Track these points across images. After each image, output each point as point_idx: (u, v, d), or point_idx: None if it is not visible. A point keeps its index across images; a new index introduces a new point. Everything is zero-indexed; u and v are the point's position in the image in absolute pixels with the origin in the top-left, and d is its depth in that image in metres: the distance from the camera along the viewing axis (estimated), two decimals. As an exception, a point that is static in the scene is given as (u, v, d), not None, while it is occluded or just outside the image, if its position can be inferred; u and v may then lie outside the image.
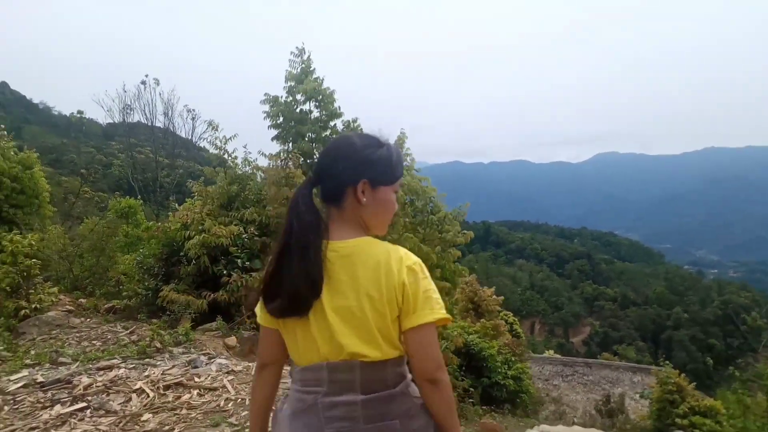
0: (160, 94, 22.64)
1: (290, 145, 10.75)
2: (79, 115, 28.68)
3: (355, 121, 11.28)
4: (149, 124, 23.19)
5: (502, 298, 16.28)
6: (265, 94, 11.13)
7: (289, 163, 8.97)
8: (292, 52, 11.30)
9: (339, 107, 11.20)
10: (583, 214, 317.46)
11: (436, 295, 1.38)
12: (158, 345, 5.44)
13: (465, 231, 8.76)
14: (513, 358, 11.93)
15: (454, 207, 9.67)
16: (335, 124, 11.31)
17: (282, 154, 10.14)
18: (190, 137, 23.75)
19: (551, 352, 27.68)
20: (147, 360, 5.06)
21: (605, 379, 22.48)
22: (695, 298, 77.04)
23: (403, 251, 1.39)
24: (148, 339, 5.54)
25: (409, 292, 1.32)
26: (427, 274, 1.39)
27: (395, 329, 1.35)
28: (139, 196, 16.42)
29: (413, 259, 1.38)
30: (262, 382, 1.54)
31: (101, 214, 12.68)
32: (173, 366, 4.82)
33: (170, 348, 5.51)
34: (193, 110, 22.77)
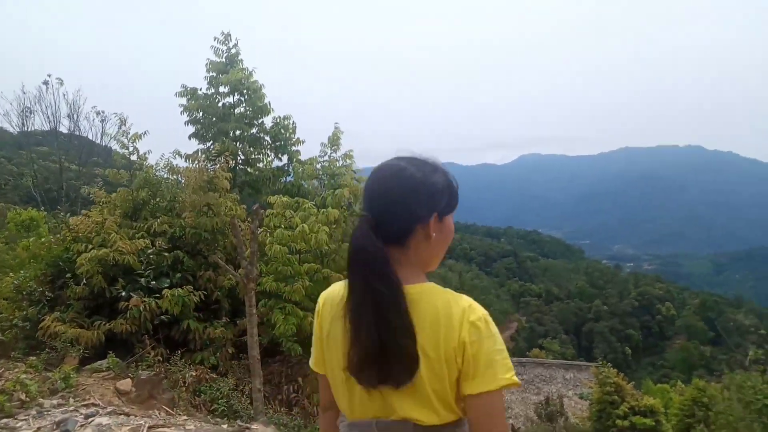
0: (64, 95, 20.47)
1: (211, 144, 9.41)
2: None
3: (287, 118, 10.06)
4: (51, 128, 20.99)
5: None
6: (182, 86, 9.71)
7: (213, 165, 7.81)
8: (216, 38, 9.93)
9: (269, 103, 9.97)
10: (509, 214, 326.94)
11: (503, 356, 1.21)
12: (23, 397, 4.17)
13: None
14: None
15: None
16: (263, 122, 10.04)
17: (201, 154, 8.82)
18: (99, 141, 21.74)
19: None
20: (4, 421, 3.80)
21: (539, 378, 22.55)
22: (614, 291, 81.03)
23: (467, 302, 1.24)
24: (13, 386, 4.23)
25: (470, 354, 1.19)
26: (494, 330, 1.23)
27: (454, 392, 1.22)
28: (42, 208, 14.54)
29: (478, 312, 1.23)
30: (326, 424, 1.47)
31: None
32: (37, 430, 3.61)
33: (41, 400, 4.25)
34: (103, 112, 20.71)
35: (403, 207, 1.26)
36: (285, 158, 10.05)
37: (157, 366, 5.76)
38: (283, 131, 9.84)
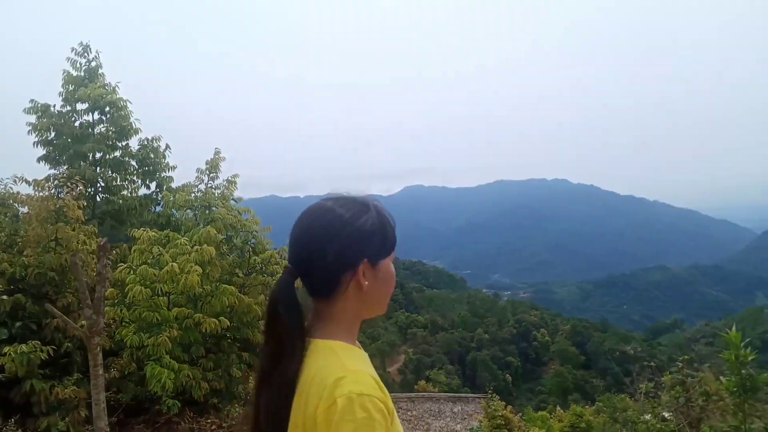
0: None
1: (64, 168, 8.20)
2: None
3: (156, 139, 9.06)
4: None
5: None
6: (31, 101, 8.44)
7: (63, 193, 6.73)
8: (73, 49, 8.78)
9: (135, 121, 8.92)
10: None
11: None
12: None
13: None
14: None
15: (276, 244, 8.13)
16: (128, 144, 8.96)
17: (52, 179, 7.63)
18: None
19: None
20: None
21: (428, 413, 22.36)
22: (494, 319, 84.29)
23: (341, 374, 1.05)
24: None
25: None
26: (359, 415, 0.98)
27: None
28: None
29: (345, 389, 1.02)
30: None
31: None
32: None
33: None
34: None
35: (326, 256, 1.14)
36: (154, 185, 9.06)
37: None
38: (152, 155, 8.85)
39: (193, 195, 6.88)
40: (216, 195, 7.19)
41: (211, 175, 7.15)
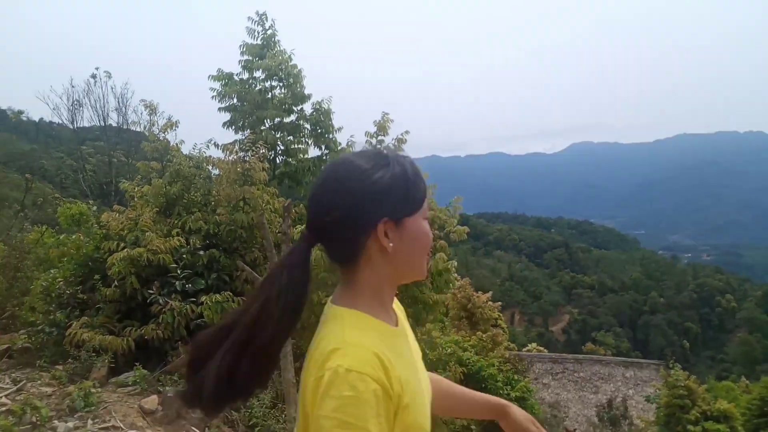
0: (112, 88, 20.41)
1: (247, 132, 8.86)
2: (19, 114, 26.41)
3: (328, 101, 9.38)
4: (100, 123, 21.11)
5: (500, 303, 14.75)
6: (218, 70, 9.18)
7: (249, 155, 7.27)
8: (250, 18, 9.28)
9: (307, 90, 9.34)
10: (559, 204, 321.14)
11: (335, 428, 0.91)
12: (33, 420, 3.69)
13: (458, 226, 7.20)
14: (516, 376, 10.46)
15: (441, 201, 8.09)
16: (302, 108, 9.42)
17: (238, 144, 8.29)
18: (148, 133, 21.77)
19: (534, 345, 26.86)
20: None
21: (596, 376, 21.77)
22: (671, 283, 78.79)
23: (336, 345, 0.98)
24: (22, 409, 3.76)
25: (309, 407, 0.97)
26: (344, 392, 0.91)
27: None
28: (90, 202, 14.53)
29: (334, 363, 0.94)
30: None
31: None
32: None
33: (56, 422, 3.77)
34: (152, 103, 20.68)
35: (339, 215, 1.03)
36: (323, 148, 9.45)
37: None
38: (323, 118, 9.23)
39: None
40: None
41: (379, 137, 7.20)
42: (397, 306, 1.19)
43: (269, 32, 9.31)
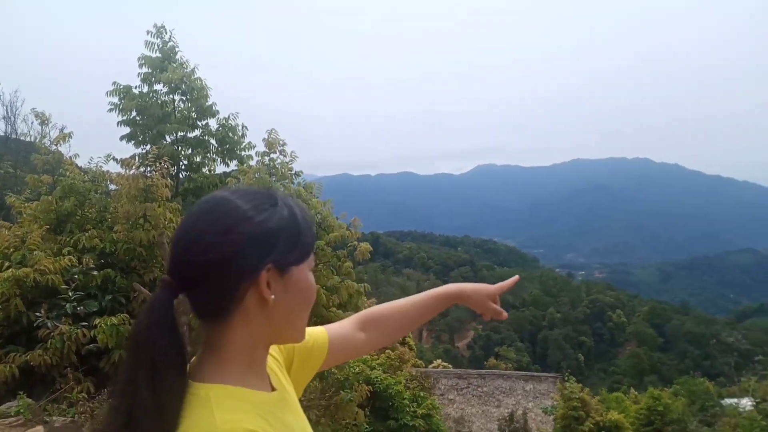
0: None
1: (148, 146, 8.49)
2: None
3: (234, 117, 9.20)
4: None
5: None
6: (114, 83, 8.76)
7: (150, 171, 6.97)
8: (149, 32, 8.95)
9: (214, 104, 9.12)
10: (465, 223, 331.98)
11: None
12: None
13: (361, 243, 7.23)
14: (422, 393, 10.62)
15: (342, 217, 8.08)
16: (207, 123, 9.18)
17: (138, 159, 7.93)
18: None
19: (440, 361, 27.35)
20: None
21: (499, 390, 22.43)
22: (567, 299, 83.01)
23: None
24: None
25: None
26: None
27: None
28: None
29: None
30: None
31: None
32: None
33: None
34: (43, 113, 19.26)
35: (215, 261, 0.84)
36: (234, 164, 9.25)
37: (81, 405, 4.92)
38: (230, 133, 9.03)
39: (257, 175, 6.91)
40: (278, 172, 7.16)
41: (271, 155, 7.12)
42: (270, 356, 1.02)
43: (169, 45, 9.01)
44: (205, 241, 0.84)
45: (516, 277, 1.50)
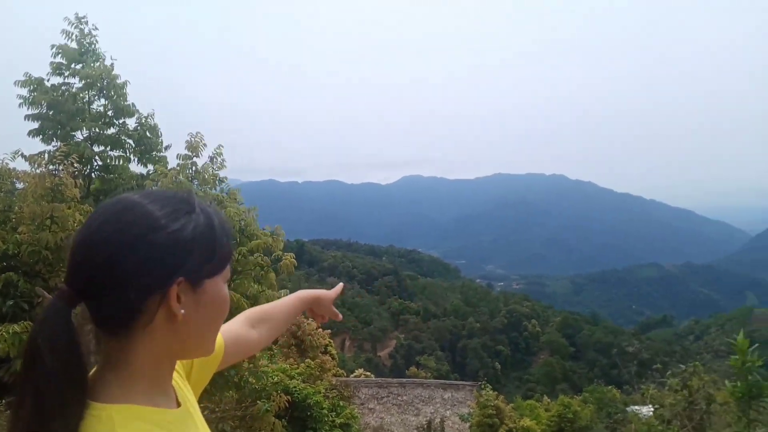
0: None
1: (57, 143, 7.99)
2: None
3: (151, 116, 8.81)
4: None
5: (329, 331, 14.89)
6: (25, 74, 8.21)
7: (60, 169, 6.59)
8: (66, 19, 8.43)
9: (133, 104, 8.70)
10: (391, 233, 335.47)
11: None
12: None
13: (285, 253, 7.11)
14: (341, 403, 10.60)
15: (266, 225, 7.93)
16: (125, 122, 8.74)
17: (46, 155, 7.47)
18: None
19: (362, 370, 27.39)
20: None
21: (418, 398, 22.68)
22: (486, 309, 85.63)
23: None
24: None
25: None
26: None
27: None
28: None
29: None
30: None
31: None
32: None
33: None
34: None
35: (120, 271, 0.77)
36: (151, 166, 8.87)
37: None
38: (148, 133, 8.65)
39: (178, 178, 6.68)
40: (200, 177, 6.96)
41: (193, 158, 6.91)
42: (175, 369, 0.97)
43: (88, 39, 8.55)
44: (109, 249, 0.77)
45: (341, 284, 1.60)
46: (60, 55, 8.28)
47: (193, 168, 6.94)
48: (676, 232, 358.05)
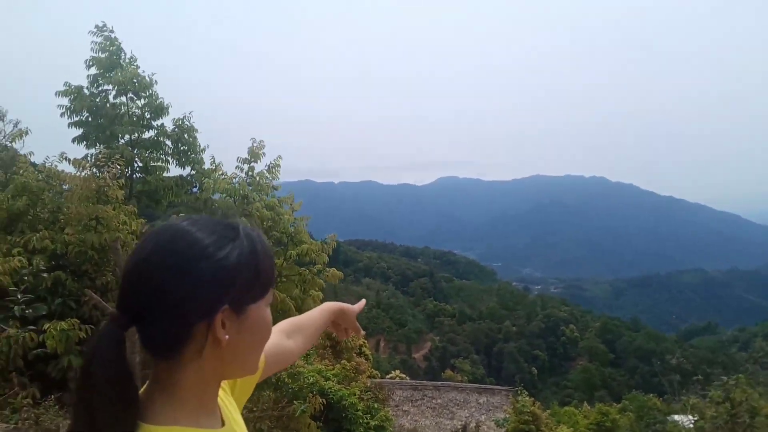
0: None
1: (100, 147, 8.25)
2: None
3: (188, 118, 8.99)
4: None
5: (364, 333, 14.96)
6: (65, 84, 8.50)
7: (103, 172, 6.83)
8: (92, 32, 8.69)
9: (165, 101, 8.86)
10: (426, 234, 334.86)
11: None
12: None
13: (331, 269, 7.14)
14: (376, 405, 10.63)
15: (310, 229, 8.01)
16: (162, 124, 8.95)
17: (91, 159, 7.73)
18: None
19: (397, 372, 27.41)
20: None
21: (452, 402, 22.50)
22: (522, 313, 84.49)
23: None
24: None
25: None
26: None
27: None
28: None
29: None
30: None
31: None
32: None
33: None
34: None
35: (171, 298, 0.81)
36: (189, 168, 9.05)
37: (25, 411, 4.76)
38: (186, 135, 8.82)
39: (234, 182, 6.81)
40: (256, 183, 7.10)
41: (251, 164, 7.05)
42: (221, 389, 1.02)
43: (116, 44, 8.79)
44: (160, 276, 0.81)
45: (364, 300, 1.65)
46: (94, 66, 8.53)
47: (251, 173, 7.10)
48: (721, 237, 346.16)
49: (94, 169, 6.87)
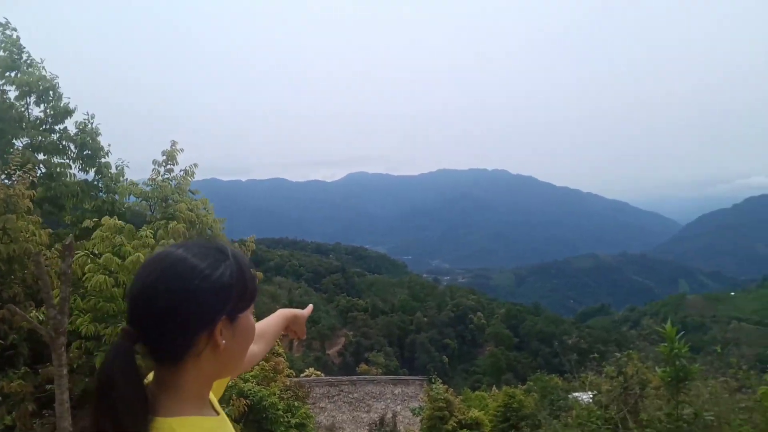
0: None
1: (3, 155, 7.66)
2: None
3: (90, 120, 8.50)
4: None
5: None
6: (-39, 86, 7.83)
7: (13, 180, 6.42)
8: None
9: (69, 102, 8.35)
10: (337, 230, 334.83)
11: None
12: None
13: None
14: (296, 403, 10.69)
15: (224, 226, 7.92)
16: (65, 127, 8.41)
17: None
18: None
19: (312, 369, 27.40)
20: None
21: (369, 395, 22.85)
22: (433, 303, 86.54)
23: None
24: None
25: None
26: None
27: None
28: None
29: None
30: None
31: None
32: None
33: None
34: None
35: (180, 316, 0.98)
36: (93, 172, 8.57)
37: None
38: (89, 138, 8.35)
39: (151, 185, 6.63)
40: (177, 185, 6.93)
41: (168, 167, 6.88)
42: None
43: (13, 42, 8.15)
44: (167, 298, 0.97)
45: (311, 306, 1.87)
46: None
47: (168, 176, 6.91)
48: (611, 223, 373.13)
49: (3, 176, 6.43)
